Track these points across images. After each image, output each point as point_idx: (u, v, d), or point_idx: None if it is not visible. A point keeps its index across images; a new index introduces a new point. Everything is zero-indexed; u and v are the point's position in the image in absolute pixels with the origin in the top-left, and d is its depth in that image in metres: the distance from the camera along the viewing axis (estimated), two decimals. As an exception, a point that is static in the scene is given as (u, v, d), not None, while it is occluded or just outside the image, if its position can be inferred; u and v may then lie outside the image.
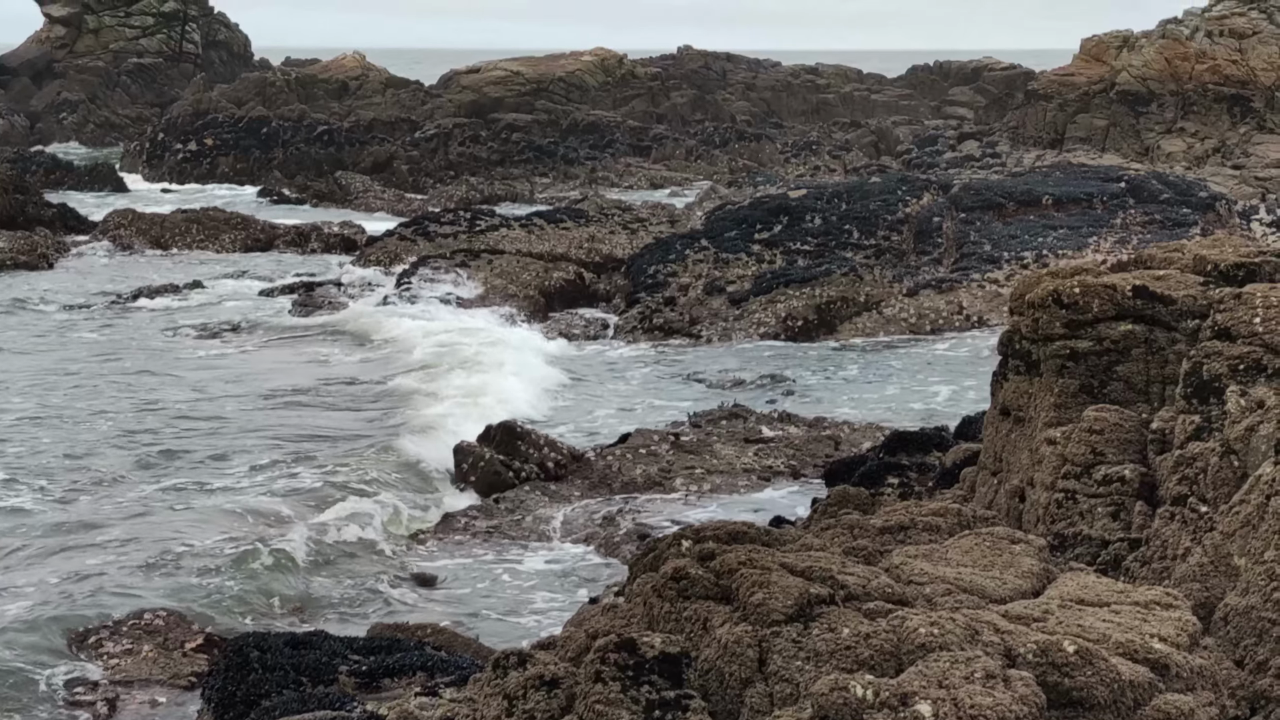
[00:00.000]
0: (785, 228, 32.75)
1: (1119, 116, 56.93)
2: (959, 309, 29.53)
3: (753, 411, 21.67)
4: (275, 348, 28.45)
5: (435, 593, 15.31)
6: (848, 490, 12.46)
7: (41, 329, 30.41)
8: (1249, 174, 51.10)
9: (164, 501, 17.96)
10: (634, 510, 17.63)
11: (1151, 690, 7.09)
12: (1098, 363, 10.27)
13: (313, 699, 9.98)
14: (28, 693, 12.27)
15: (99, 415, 22.38)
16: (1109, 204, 33.31)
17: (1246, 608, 7.94)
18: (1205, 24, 57.79)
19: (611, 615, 8.39)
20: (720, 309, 29.96)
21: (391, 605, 14.85)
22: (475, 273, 32.52)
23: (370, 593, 15.19)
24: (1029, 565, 8.53)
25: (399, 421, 21.79)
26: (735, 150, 66.71)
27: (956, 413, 19.79)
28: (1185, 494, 9.03)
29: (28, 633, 13.35)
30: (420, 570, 15.88)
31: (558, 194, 55.37)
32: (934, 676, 6.75)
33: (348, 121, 65.35)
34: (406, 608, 14.75)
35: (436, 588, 15.42)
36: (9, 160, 56.89)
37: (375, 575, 15.68)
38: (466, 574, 15.86)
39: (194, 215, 44.02)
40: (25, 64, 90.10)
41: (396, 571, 15.89)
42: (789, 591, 7.46)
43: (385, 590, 15.29)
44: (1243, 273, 10.32)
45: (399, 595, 15.20)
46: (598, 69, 73.62)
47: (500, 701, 7.52)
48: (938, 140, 65.91)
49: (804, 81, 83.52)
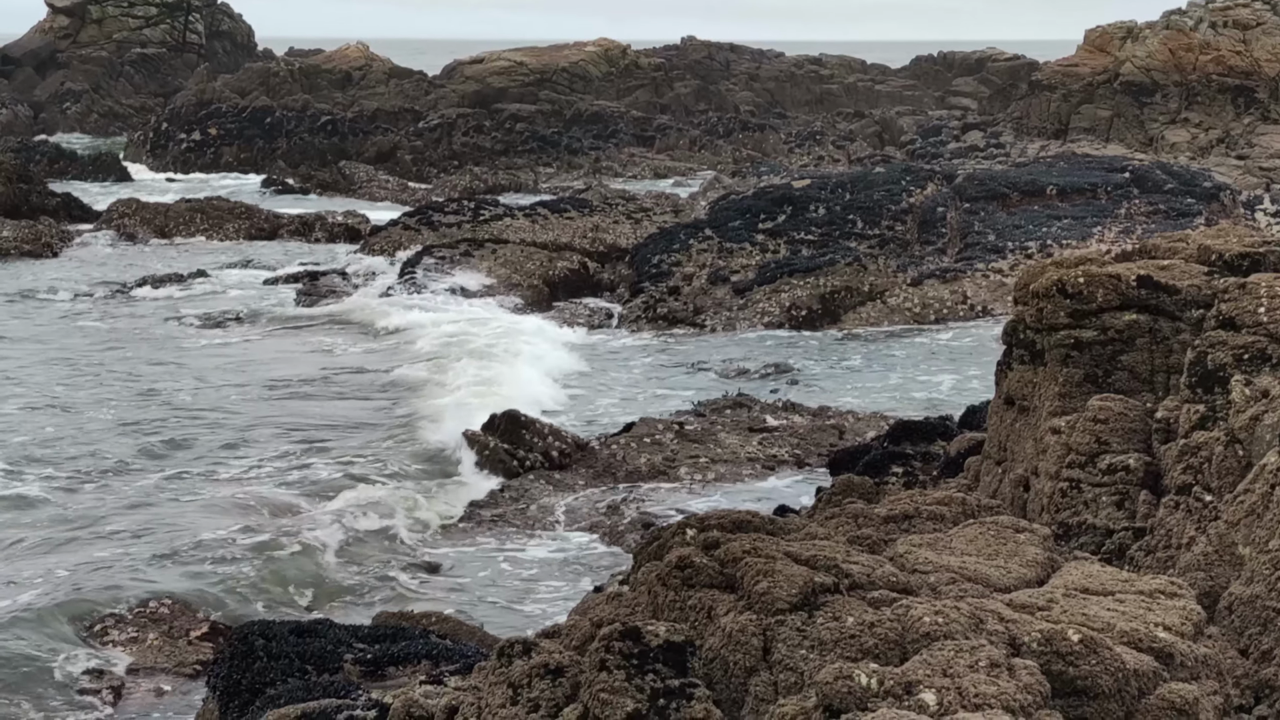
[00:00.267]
0: (789, 217, 32.72)
1: (1123, 107, 56.87)
2: (963, 299, 29.53)
3: (757, 400, 21.68)
4: (280, 337, 28.47)
5: (440, 580, 15.32)
6: (852, 479, 12.45)
7: (46, 318, 30.43)
8: (1253, 164, 51.05)
9: (169, 491, 17.99)
10: (638, 499, 17.64)
11: (1156, 679, 7.10)
12: (1102, 352, 10.26)
13: (318, 687, 9.98)
14: (35, 680, 12.30)
15: (103, 404, 22.41)
16: (1113, 194, 33.28)
17: (1251, 597, 7.95)
18: (1209, 15, 57.71)
19: (616, 604, 8.40)
20: (724, 298, 29.96)
21: (398, 592, 14.87)
22: (480, 262, 32.51)
23: (379, 581, 15.21)
24: (1033, 554, 8.54)
25: (408, 411, 21.80)
26: (739, 140, 66.65)
27: (961, 402, 19.79)
28: (1190, 483, 9.03)
29: (35, 621, 13.39)
30: (427, 558, 15.91)
31: (562, 184, 55.33)
32: (938, 665, 6.75)
33: (351, 111, 65.32)
34: (413, 594, 14.77)
35: (440, 575, 15.44)
36: (13, 150, 56.87)
37: (384, 563, 15.70)
38: (471, 562, 15.88)
39: (198, 205, 44.03)
40: (29, 54, 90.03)
41: (407, 559, 15.90)
42: (793, 580, 7.47)
43: (395, 577, 15.30)
44: (1247, 262, 10.31)
45: (405, 582, 15.21)
46: (601, 59, 73.55)
47: (505, 690, 7.53)
48: (942, 130, 65.83)
49: (808, 72, 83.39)
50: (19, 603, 13.92)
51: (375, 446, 19.64)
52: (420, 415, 21.37)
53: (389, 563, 15.74)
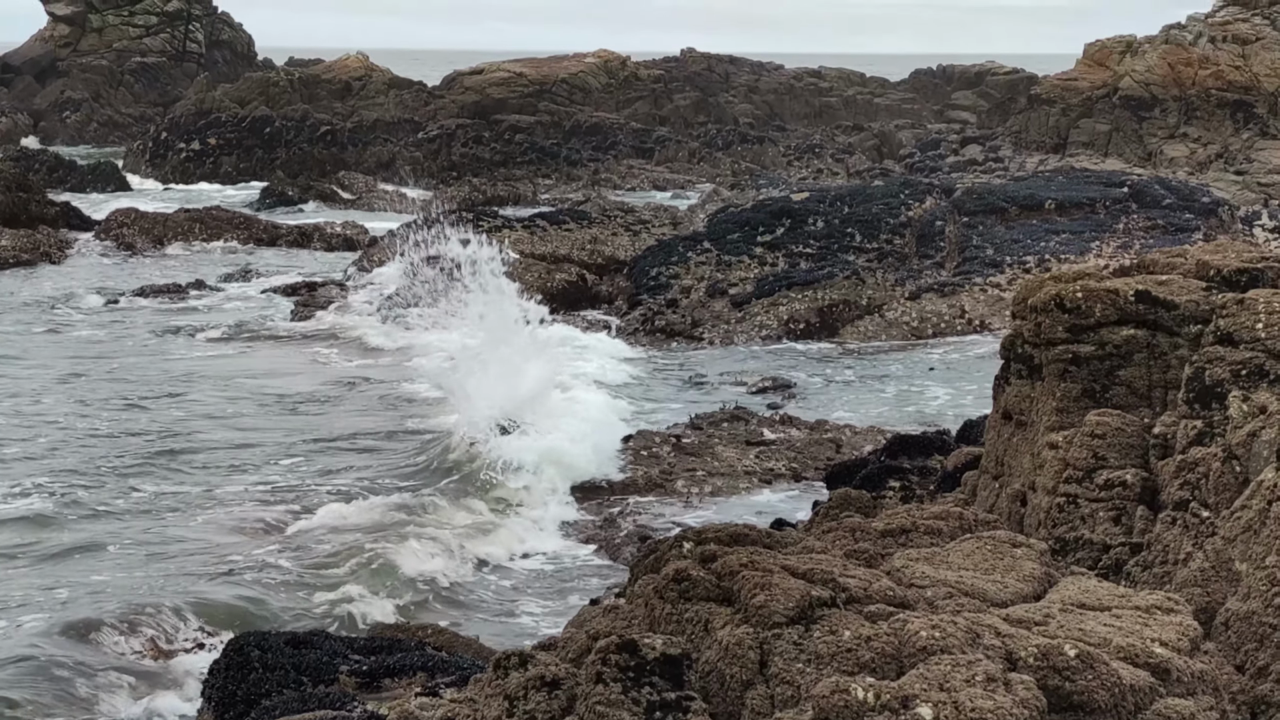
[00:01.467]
0: (788, 230, 32.73)
1: (1122, 121, 56.94)
2: (961, 313, 29.54)
3: (754, 414, 21.68)
4: (277, 348, 28.41)
5: (435, 593, 15.28)
6: (849, 493, 12.45)
7: (43, 327, 30.40)
8: (1251, 180, 51.12)
9: (165, 504, 17.94)
10: (635, 512, 17.64)
11: (1152, 694, 7.09)
12: (1100, 367, 10.26)
13: (313, 699, 9.97)
14: (33, 689, 12.26)
15: (100, 416, 22.35)
16: (1111, 209, 33.29)
17: (1247, 613, 7.94)
18: (1208, 29, 57.79)
19: (612, 616, 8.39)
20: (722, 311, 29.96)
21: (394, 604, 14.80)
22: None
23: (374, 594, 15.14)
24: (1030, 569, 8.53)
25: (409, 425, 21.73)
26: (738, 153, 66.71)
27: (958, 416, 19.79)
28: (1187, 499, 9.03)
29: (35, 633, 13.36)
30: (425, 569, 15.86)
31: (560, 195, 55.37)
32: (935, 679, 6.75)
33: (351, 122, 65.39)
34: (410, 607, 14.71)
35: (436, 587, 15.40)
36: (12, 158, 56.90)
37: (380, 576, 15.66)
38: (468, 574, 15.86)
39: (197, 214, 44.05)
40: (29, 62, 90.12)
41: (405, 573, 15.84)
42: (790, 594, 7.46)
43: (391, 589, 15.24)
44: (1245, 278, 10.30)
45: (403, 594, 15.13)
46: (601, 71, 73.61)
47: (501, 702, 7.52)
48: (940, 144, 65.90)
49: (807, 85, 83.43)
50: (19, 613, 13.91)
51: (377, 460, 19.61)
52: (422, 429, 21.33)
53: (386, 576, 15.68)
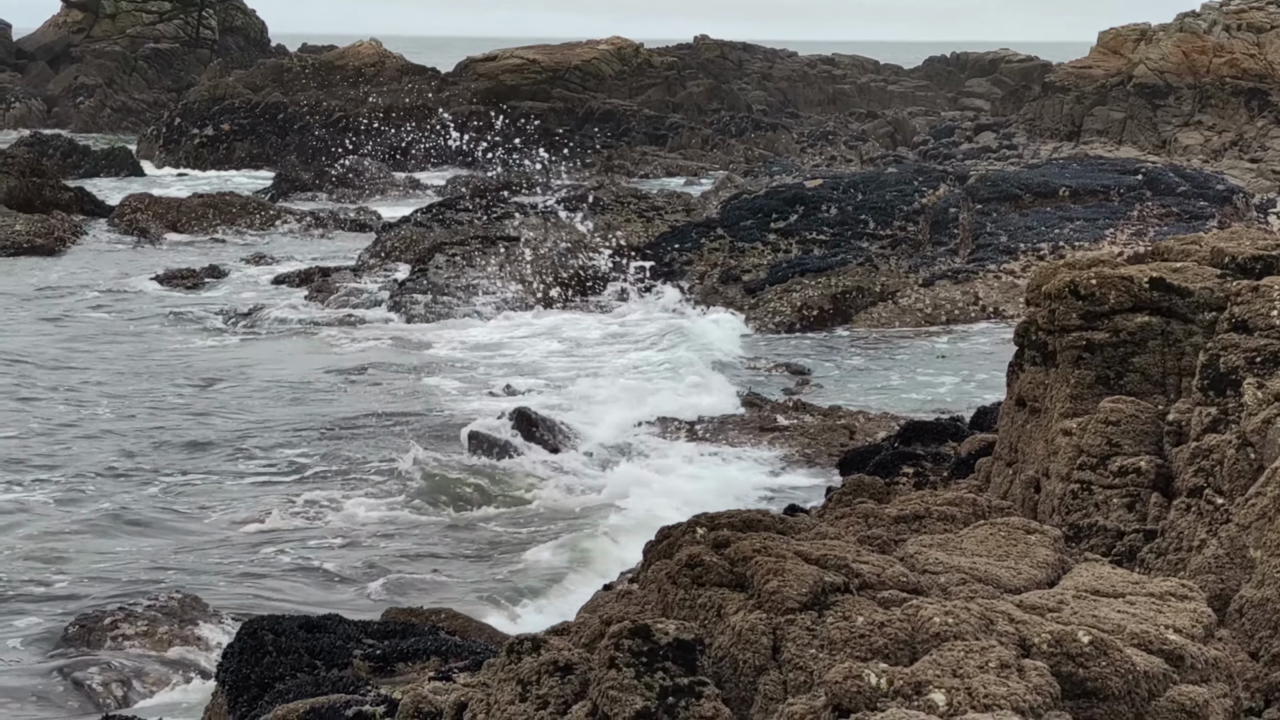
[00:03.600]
0: (801, 217, 32.69)
1: (1136, 109, 56.81)
2: (975, 299, 29.50)
3: (768, 400, 21.67)
4: (288, 335, 28.40)
5: (448, 577, 15.31)
6: (862, 479, 12.43)
7: (57, 312, 30.44)
8: (1266, 167, 50.98)
9: (177, 491, 17.98)
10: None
11: (1166, 681, 7.08)
12: (1114, 354, 10.24)
13: (326, 682, 9.98)
14: (45, 677, 12.31)
15: (113, 402, 22.38)
16: (1126, 196, 33.22)
17: (1262, 600, 7.93)
18: (1223, 17, 57.63)
19: (625, 602, 8.39)
20: (736, 298, 29.94)
21: (407, 586, 14.83)
22: (491, 260, 32.50)
23: (386, 576, 15.19)
24: (1044, 556, 8.52)
25: (415, 410, 21.77)
26: (751, 139, 66.61)
27: (971, 403, 19.78)
28: (1201, 486, 9.01)
29: (48, 618, 13.41)
30: (434, 550, 15.89)
31: (574, 181, 55.30)
32: (948, 665, 6.74)
33: (364, 108, 65.35)
34: (421, 588, 14.75)
35: (444, 572, 15.42)
36: (26, 143, 56.94)
37: (393, 559, 15.69)
38: (478, 557, 15.88)
39: (210, 200, 44.07)
40: (43, 48, 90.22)
41: (414, 552, 15.88)
42: (803, 579, 7.45)
43: (401, 572, 15.28)
44: (1260, 265, 10.28)
45: (412, 576, 15.17)
46: (614, 58, 73.52)
47: (514, 686, 7.53)
48: (954, 131, 65.81)
49: (820, 72, 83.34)
50: (30, 599, 13.95)
51: (390, 447, 19.63)
52: (427, 410, 21.36)
53: (398, 557, 15.73)
